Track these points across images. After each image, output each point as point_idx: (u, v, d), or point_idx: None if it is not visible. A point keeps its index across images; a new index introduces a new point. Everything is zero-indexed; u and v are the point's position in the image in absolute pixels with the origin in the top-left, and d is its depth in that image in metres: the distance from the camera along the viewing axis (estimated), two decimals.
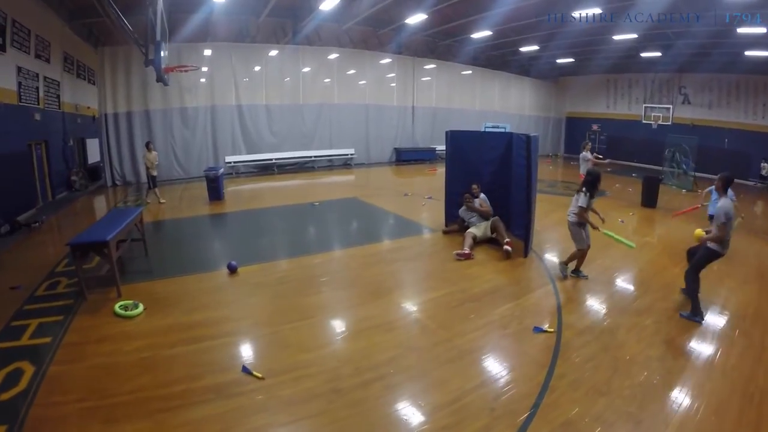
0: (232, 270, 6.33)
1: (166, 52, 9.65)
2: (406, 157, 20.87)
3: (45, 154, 11.67)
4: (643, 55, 19.86)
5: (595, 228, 5.72)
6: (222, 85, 16.80)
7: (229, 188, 14.62)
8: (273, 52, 17.50)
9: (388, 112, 20.70)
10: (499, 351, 4.17)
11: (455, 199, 8.54)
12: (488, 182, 8.51)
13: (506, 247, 6.85)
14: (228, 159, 16.94)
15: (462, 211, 8.16)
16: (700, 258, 4.86)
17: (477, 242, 7.48)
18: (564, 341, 4.26)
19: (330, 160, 19.30)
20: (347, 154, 19.44)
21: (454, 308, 5.09)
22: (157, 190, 11.59)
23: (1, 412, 3.35)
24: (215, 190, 11.55)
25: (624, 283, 6.13)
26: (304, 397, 3.55)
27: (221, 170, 11.58)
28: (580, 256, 5.93)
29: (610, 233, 6.12)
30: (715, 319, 4.93)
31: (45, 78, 11.32)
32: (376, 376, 3.81)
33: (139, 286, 5.87)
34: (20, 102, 9.96)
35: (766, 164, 18.45)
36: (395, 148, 20.95)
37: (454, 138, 8.54)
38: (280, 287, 5.89)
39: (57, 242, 8.02)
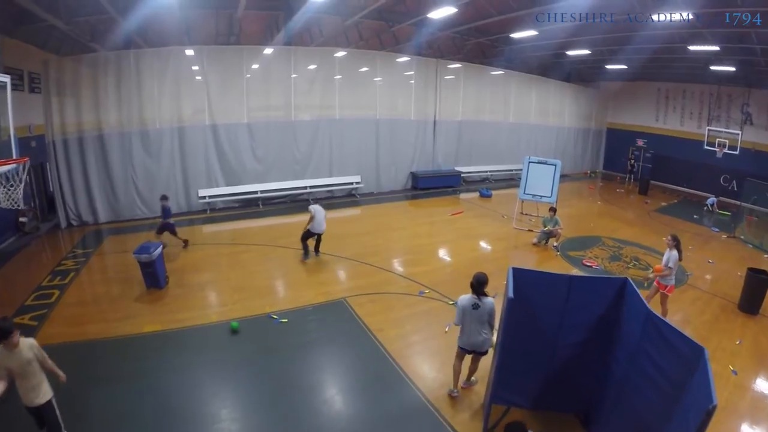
0: None
1: None
2: (425, 185, 17.10)
3: None
4: (714, 68, 16.04)
5: None
6: (191, 100, 13.29)
7: (204, 229, 12.47)
8: (259, 55, 13.91)
9: (403, 128, 16.86)
10: None
11: (508, 391, 5.10)
12: (562, 360, 5.04)
13: None
14: (202, 193, 13.59)
15: None
16: None
17: None
18: None
19: (330, 191, 15.68)
20: (351, 183, 15.79)
21: None
22: None
23: None
24: (152, 276, 8.23)
25: None
26: None
27: (158, 249, 8.14)
28: None
29: None
30: None
31: None
32: None
33: None
34: None
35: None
36: (412, 173, 17.18)
37: (520, 283, 4.62)
38: None
39: None
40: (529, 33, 13.62)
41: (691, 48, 13.64)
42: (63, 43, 12.65)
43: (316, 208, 9.66)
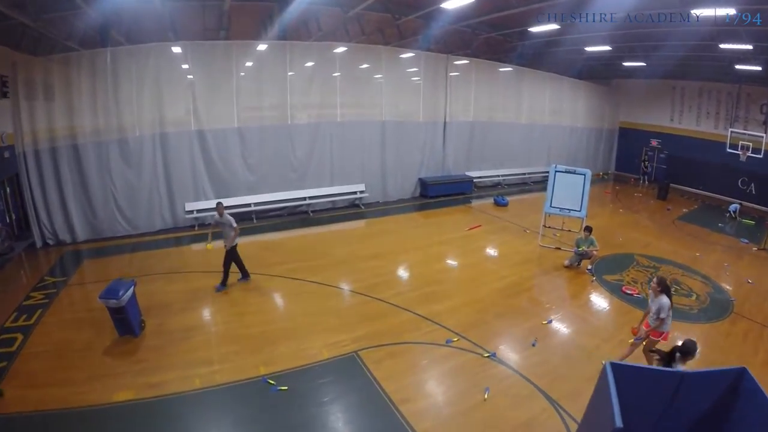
0: None
1: None
2: (435, 192, 15.78)
3: None
4: (739, 67, 14.88)
5: None
6: (175, 103, 11.87)
7: (192, 249, 11.14)
8: (251, 52, 12.56)
9: (411, 130, 15.45)
10: None
11: None
12: None
13: None
14: (189, 207, 12.21)
15: None
16: None
17: None
18: None
19: (331, 202, 14.29)
20: (355, 192, 14.42)
21: None
22: None
23: None
24: (124, 323, 6.89)
25: None
26: None
27: (128, 292, 6.75)
28: None
29: None
30: None
31: None
32: None
33: None
34: None
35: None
36: (420, 179, 15.84)
37: (620, 383, 3.32)
38: None
39: None
40: (549, 27, 12.33)
41: (722, 46, 12.46)
42: (39, 43, 11.21)
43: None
